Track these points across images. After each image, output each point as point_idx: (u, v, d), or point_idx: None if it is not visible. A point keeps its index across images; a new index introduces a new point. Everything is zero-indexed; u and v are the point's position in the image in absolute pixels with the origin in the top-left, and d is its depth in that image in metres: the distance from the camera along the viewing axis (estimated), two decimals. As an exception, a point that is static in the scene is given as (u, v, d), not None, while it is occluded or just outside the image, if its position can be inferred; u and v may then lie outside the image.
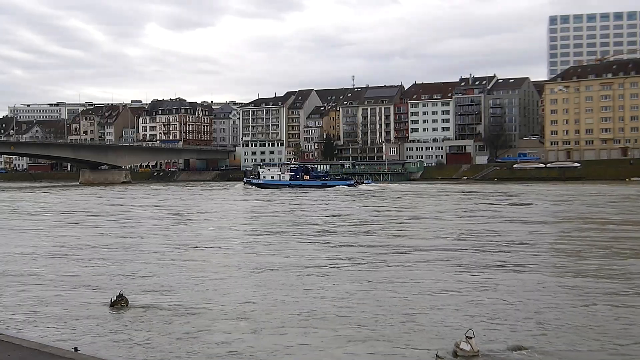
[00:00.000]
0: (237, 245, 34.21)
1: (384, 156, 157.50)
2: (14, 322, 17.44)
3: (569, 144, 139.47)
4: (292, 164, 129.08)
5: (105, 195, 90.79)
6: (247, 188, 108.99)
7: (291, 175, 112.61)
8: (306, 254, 29.74)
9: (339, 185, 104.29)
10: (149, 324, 17.08)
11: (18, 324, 17.26)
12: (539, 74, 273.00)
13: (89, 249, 32.46)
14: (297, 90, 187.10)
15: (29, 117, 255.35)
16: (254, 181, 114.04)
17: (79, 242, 35.18)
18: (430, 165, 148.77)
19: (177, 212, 58.44)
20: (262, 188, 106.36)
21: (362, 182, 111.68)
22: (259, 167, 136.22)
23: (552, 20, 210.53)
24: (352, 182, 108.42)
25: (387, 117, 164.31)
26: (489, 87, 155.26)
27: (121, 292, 19.10)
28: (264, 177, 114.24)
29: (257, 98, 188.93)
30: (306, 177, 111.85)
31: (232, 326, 16.93)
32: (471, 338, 14.04)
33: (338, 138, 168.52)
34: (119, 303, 18.69)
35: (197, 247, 33.13)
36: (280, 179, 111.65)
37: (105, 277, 23.97)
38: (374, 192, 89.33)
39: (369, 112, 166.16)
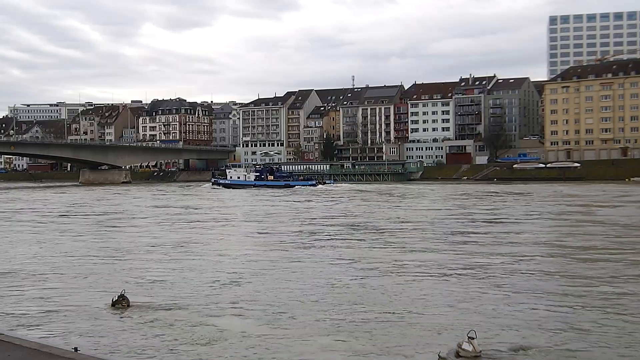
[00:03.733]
0: (232, 245, 34.19)
1: (384, 156, 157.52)
2: (14, 321, 17.39)
3: (569, 144, 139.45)
4: (258, 165, 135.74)
5: (104, 195, 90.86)
6: (215, 188, 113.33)
7: (256, 175, 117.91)
8: (292, 253, 29.75)
9: (300, 185, 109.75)
10: (150, 324, 17.04)
11: (18, 323, 17.20)
12: (539, 74, 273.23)
13: (91, 249, 32.42)
14: (297, 90, 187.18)
15: (29, 117, 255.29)
16: (221, 181, 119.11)
17: (81, 242, 35.16)
18: (430, 165, 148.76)
19: (172, 211, 58.47)
20: (228, 188, 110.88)
21: (324, 182, 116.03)
22: (226, 167, 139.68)
23: (552, 20, 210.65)
24: (314, 182, 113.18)
25: (387, 117, 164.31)
26: (489, 87, 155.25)
27: (122, 292, 19.04)
28: (231, 177, 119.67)
29: (256, 98, 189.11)
30: (270, 177, 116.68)
31: (234, 326, 16.89)
32: (473, 338, 13.99)
33: (338, 138, 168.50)
34: (120, 303, 18.63)
35: (195, 246, 33.08)
36: (245, 179, 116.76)
37: (107, 277, 23.93)
38: (331, 191, 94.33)
39: (369, 112, 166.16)
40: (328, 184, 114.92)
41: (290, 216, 52.37)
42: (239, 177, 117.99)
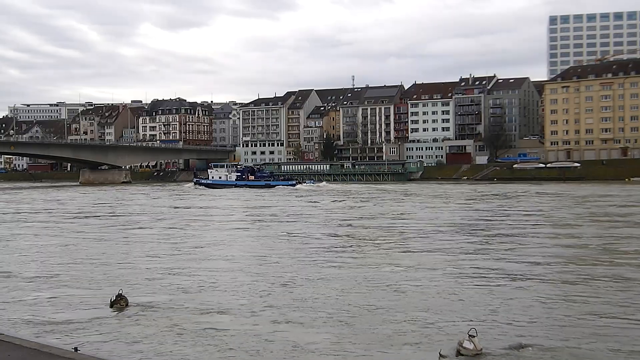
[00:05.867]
0: (230, 245, 34.19)
1: (384, 156, 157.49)
2: (14, 321, 17.37)
3: (569, 144, 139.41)
4: (239, 165, 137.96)
5: (105, 195, 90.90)
6: (197, 188, 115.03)
7: (237, 175, 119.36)
8: (286, 253, 29.73)
9: (281, 185, 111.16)
10: (149, 324, 17.03)
11: (18, 323, 17.18)
12: (539, 74, 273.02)
13: (89, 249, 32.43)
14: (297, 90, 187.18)
15: (29, 117, 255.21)
16: (203, 181, 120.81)
17: (80, 242, 35.16)
18: (430, 165, 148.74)
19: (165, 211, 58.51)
20: (210, 188, 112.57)
21: (304, 182, 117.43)
22: (208, 168, 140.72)
23: (552, 20, 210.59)
24: (294, 182, 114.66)
25: (387, 117, 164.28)
26: (489, 87, 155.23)
27: (120, 292, 19.03)
28: (212, 177, 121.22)
29: (256, 98, 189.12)
30: (251, 177, 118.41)
31: (233, 324, 16.88)
32: (474, 337, 13.99)
33: (338, 138, 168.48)
34: (119, 303, 18.62)
35: (193, 246, 33.06)
36: (227, 179, 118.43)
37: (105, 277, 23.92)
38: (309, 191, 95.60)
39: (369, 112, 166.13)
40: (307, 183, 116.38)
41: (274, 215, 52.44)
42: (220, 177, 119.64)
